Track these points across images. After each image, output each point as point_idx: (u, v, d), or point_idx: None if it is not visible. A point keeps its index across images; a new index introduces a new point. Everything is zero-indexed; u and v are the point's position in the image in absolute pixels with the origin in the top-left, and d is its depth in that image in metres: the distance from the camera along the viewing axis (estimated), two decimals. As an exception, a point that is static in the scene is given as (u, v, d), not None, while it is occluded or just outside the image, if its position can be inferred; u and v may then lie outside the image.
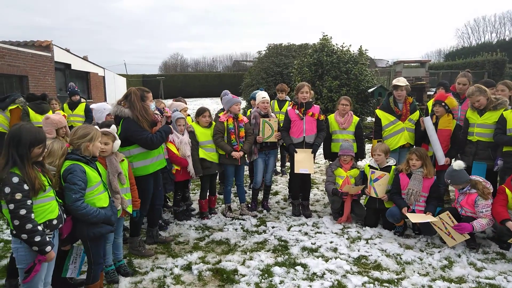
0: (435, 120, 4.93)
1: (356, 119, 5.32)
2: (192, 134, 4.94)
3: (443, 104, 4.79)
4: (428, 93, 11.06)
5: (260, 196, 5.72)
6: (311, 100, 5.21)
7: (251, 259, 3.96)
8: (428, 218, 4.19)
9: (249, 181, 6.70)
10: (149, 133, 3.85)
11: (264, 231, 4.73)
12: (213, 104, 22.33)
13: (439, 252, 4.07)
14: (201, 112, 5.05)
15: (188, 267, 3.81)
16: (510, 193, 4.02)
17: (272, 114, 5.46)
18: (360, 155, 5.37)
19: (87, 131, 2.91)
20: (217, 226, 4.94)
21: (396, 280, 3.50)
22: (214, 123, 5.11)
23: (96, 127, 3.12)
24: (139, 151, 3.90)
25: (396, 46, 79.83)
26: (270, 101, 5.79)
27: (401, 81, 4.97)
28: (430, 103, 5.44)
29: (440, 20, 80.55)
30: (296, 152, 5.05)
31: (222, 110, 5.50)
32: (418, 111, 5.07)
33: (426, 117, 4.91)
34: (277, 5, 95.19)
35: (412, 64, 11.52)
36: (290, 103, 5.32)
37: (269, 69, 17.28)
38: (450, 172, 4.11)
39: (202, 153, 4.94)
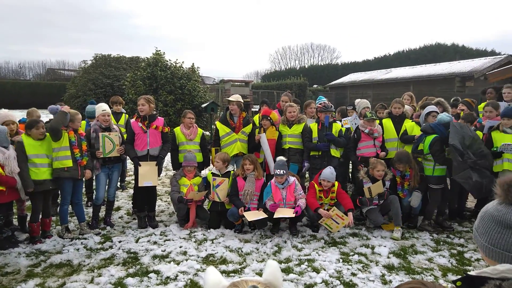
0: (263, 131, 5.85)
1: (200, 130, 5.80)
2: (19, 145, 4.39)
3: (268, 118, 5.75)
4: (252, 109, 12.67)
5: (102, 213, 5.48)
6: (154, 112, 5.39)
7: (100, 276, 3.83)
8: (260, 215, 4.96)
9: (86, 198, 6.29)
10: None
11: (111, 247, 4.60)
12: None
13: (270, 241, 4.86)
14: (34, 124, 4.54)
15: (25, 297, 3.40)
16: (317, 187, 5.20)
17: (115, 126, 5.36)
18: (206, 163, 5.84)
19: None
20: (54, 249, 4.50)
21: (240, 270, 4.05)
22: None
23: None
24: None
25: (221, 65, 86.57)
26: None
27: (234, 96, 5.74)
28: (256, 118, 6.40)
29: (258, 45, 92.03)
30: (140, 165, 5.12)
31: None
32: (251, 124, 5.89)
33: (262, 133, 5.77)
34: (101, 13, 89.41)
35: (238, 83, 13.05)
36: (134, 115, 5.36)
37: (97, 80, 16.27)
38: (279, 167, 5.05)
39: (32, 169, 4.45)
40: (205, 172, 6.08)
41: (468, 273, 1.18)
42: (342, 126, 6.02)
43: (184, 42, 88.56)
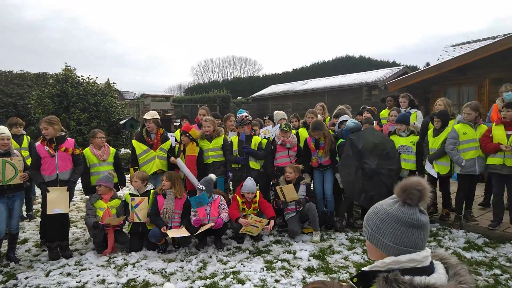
0: (183, 147, 5.78)
1: (113, 150, 5.52)
2: None
3: (187, 134, 5.71)
4: (175, 123, 12.44)
5: (4, 248, 4.91)
6: (63, 133, 5.02)
7: (2, 320, 3.42)
8: (182, 232, 4.87)
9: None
10: None
11: (15, 285, 4.13)
12: None
13: (195, 258, 4.80)
14: None
15: None
16: (240, 199, 5.29)
17: (15, 151, 4.87)
18: (121, 183, 5.57)
19: None
20: None
21: (163, 291, 3.92)
22: None
23: None
24: None
25: (143, 79, 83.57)
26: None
27: (150, 114, 5.60)
28: (177, 133, 6.32)
29: (180, 58, 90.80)
30: (48, 191, 4.72)
31: None
32: (169, 140, 5.79)
33: (177, 159, 5.66)
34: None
35: (159, 97, 12.75)
36: (39, 138, 4.93)
37: (-3, 100, 14.62)
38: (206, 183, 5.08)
39: None
40: (123, 193, 5.80)
41: (362, 269, 1.31)
42: (264, 137, 6.24)
43: (102, 56, 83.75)
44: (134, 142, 5.62)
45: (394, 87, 9.52)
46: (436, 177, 5.73)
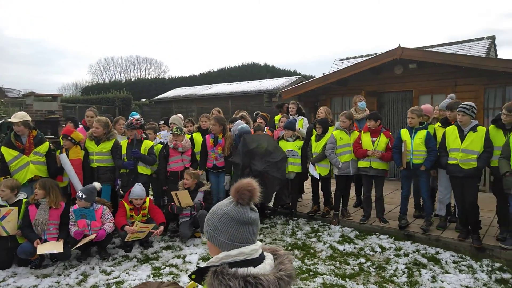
0: (65, 151, 5.33)
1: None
2: None
3: (69, 138, 5.30)
4: (63, 125, 11.39)
5: None
6: None
7: None
8: (55, 247, 4.45)
9: None
10: None
11: None
12: None
13: (75, 270, 4.47)
14: None
15: None
16: (127, 205, 5.11)
17: None
18: None
19: None
20: None
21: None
22: None
23: None
24: None
25: (31, 77, 74.28)
26: None
27: (17, 116, 5.00)
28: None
29: (77, 55, 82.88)
30: None
31: None
32: (47, 142, 5.27)
33: (61, 154, 5.22)
34: None
35: (44, 97, 11.46)
36: None
37: None
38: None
39: None
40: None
41: (198, 265, 1.39)
42: (160, 142, 6.13)
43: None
44: (2, 148, 4.98)
45: (288, 95, 10.19)
46: (318, 178, 6.30)
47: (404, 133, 5.42)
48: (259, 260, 1.39)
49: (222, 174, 6.03)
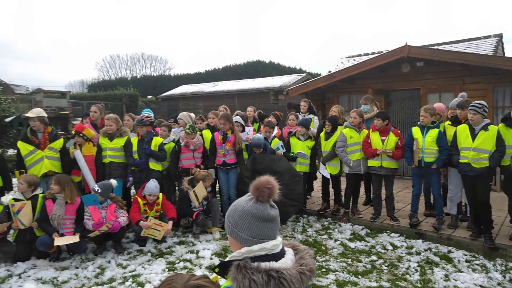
0: (79, 149, 5.41)
1: (-6, 151, 4.95)
2: None
3: (81, 134, 5.38)
4: (74, 122, 11.50)
5: None
6: None
7: None
8: (72, 238, 4.58)
9: None
10: None
11: None
12: None
13: (92, 264, 4.57)
14: None
15: None
16: (141, 201, 5.19)
17: None
18: (8, 187, 5.04)
19: None
20: None
21: (54, 302, 3.67)
22: None
23: None
24: None
25: (36, 73, 74.65)
26: None
27: (34, 112, 5.11)
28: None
29: (82, 52, 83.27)
30: None
31: None
32: (61, 139, 5.36)
33: (75, 150, 5.31)
34: None
35: (53, 93, 11.55)
36: None
37: None
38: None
39: None
40: (6, 198, 5.23)
41: (222, 259, 1.45)
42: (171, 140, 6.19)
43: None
44: (19, 143, 5.12)
45: (294, 92, 10.21)
46: (329, 177, 6.34)
47: (416, 131, 5.44)
48: (280, 255, 1.44)
49: (231, 170, 6.05)
